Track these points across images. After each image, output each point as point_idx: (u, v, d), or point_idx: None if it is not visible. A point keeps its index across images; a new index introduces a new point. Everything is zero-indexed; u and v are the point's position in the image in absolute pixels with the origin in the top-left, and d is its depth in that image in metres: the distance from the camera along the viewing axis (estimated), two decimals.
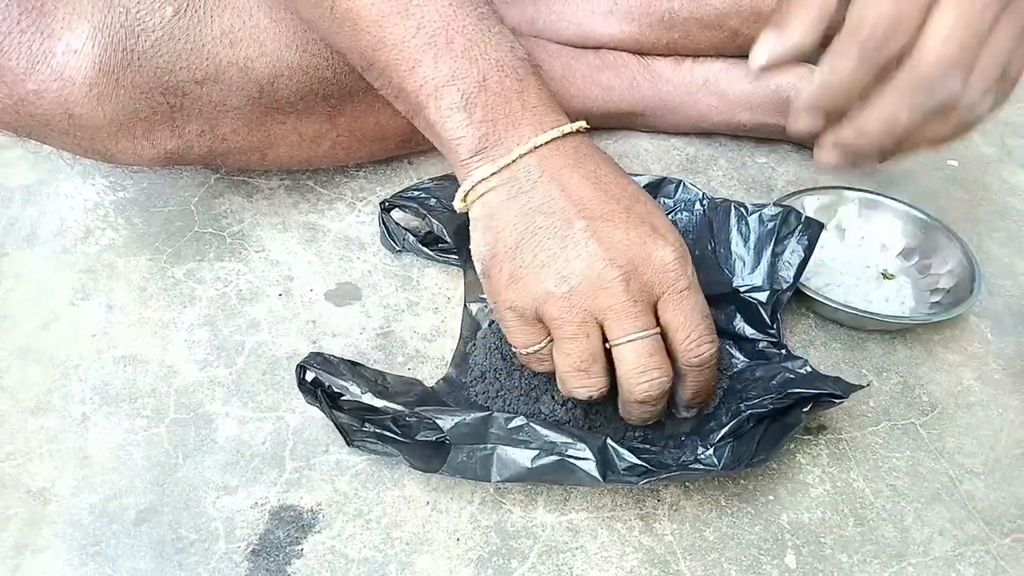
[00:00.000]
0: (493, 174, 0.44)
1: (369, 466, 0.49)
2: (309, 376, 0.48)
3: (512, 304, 0.44)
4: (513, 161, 0.43)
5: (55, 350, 0.54)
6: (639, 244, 0.43)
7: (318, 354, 0.48)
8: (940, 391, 0.55)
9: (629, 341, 0.43)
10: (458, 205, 0.46)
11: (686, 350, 0.44)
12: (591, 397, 0.45)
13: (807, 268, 0.56)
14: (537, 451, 0.45)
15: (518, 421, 0.45)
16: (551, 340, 0.45)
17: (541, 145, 0.44)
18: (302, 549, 0.45)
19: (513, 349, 0.47)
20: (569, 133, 0.45)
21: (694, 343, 0.44)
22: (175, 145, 0.54)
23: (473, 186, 0.44)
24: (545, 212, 0.43)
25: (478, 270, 0.46)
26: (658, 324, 0.44)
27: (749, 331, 0.55)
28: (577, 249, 0.42)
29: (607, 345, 0.44)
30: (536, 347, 0.45)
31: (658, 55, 0.72)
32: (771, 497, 0.49)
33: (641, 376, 0.43)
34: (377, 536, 0.46)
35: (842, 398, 0.47)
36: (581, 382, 0.44)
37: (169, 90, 0.51)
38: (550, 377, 0.50)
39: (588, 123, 0.73)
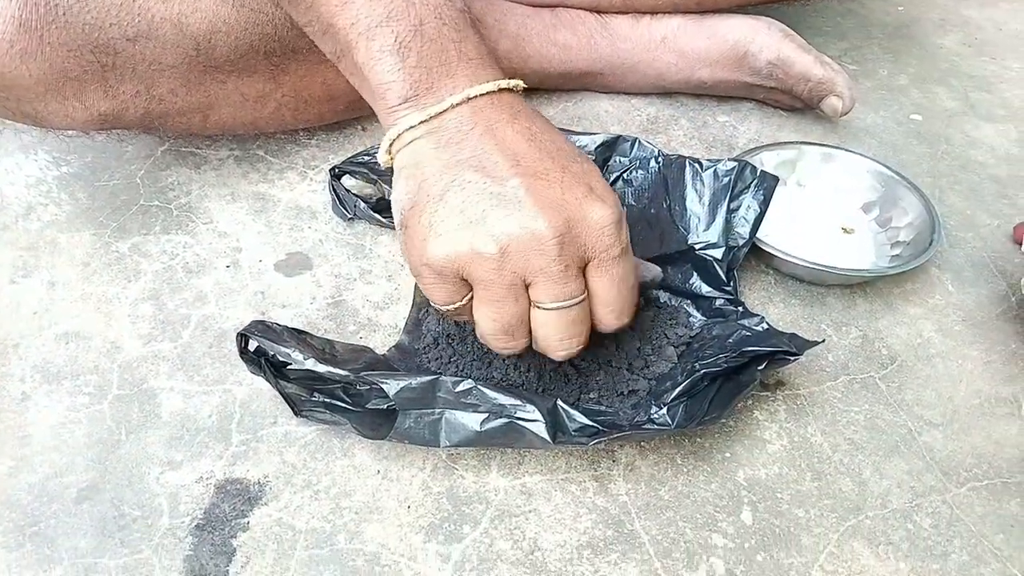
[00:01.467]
0: (422, 122, 0.41)
1: (318, 437, 0.48)
2: (252, 345, 0.47)
3: (430, 260, 0.41)
4: (444, 110, 0.41)
5: None
6: (575, 204, 0.40)
7: (260, 322, 0.47)
8: (900, 344, 0.55)
9: (555, 308, 0.41)
10: (382, 157, 0.43)
11: (603, 318, 0.43)
12: (512, 354, 0.44)
13: (765, 223, 0.55)
14: (486, 414, 0.44)
15: (466, 384, 0.44)
16: (471, 296, 0.42)
17: (475, 97, 0.41)
18: (248, 522, 0.44)
19: (432, 305, 0.44)
20: (505, 89, 0.42)
21: (614, 314, 0.43)
22: (109, 107, 0.52)
23: (400, 134, 0.42)
24: (475, 165, 0.40)
25: (396, 221, 0.43)
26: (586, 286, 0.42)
27: (706, 289, 0.54)
28: (509, 207, 0.39)
29: (531, 305, 0.42)
30: (456, 304, 0.43)
31: (616, 13, 0.70)
32: (728, 454, 0.48)
33: (560, 342, 0.42)
34: (326, 506, 0.45)
35: (797, 355, 0.47)
36: (506, 344, 0.43)
37: (99, 48, 0.49)
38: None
39: (546, 84, 0.72)
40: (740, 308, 0.52)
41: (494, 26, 0.66)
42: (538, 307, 0.41)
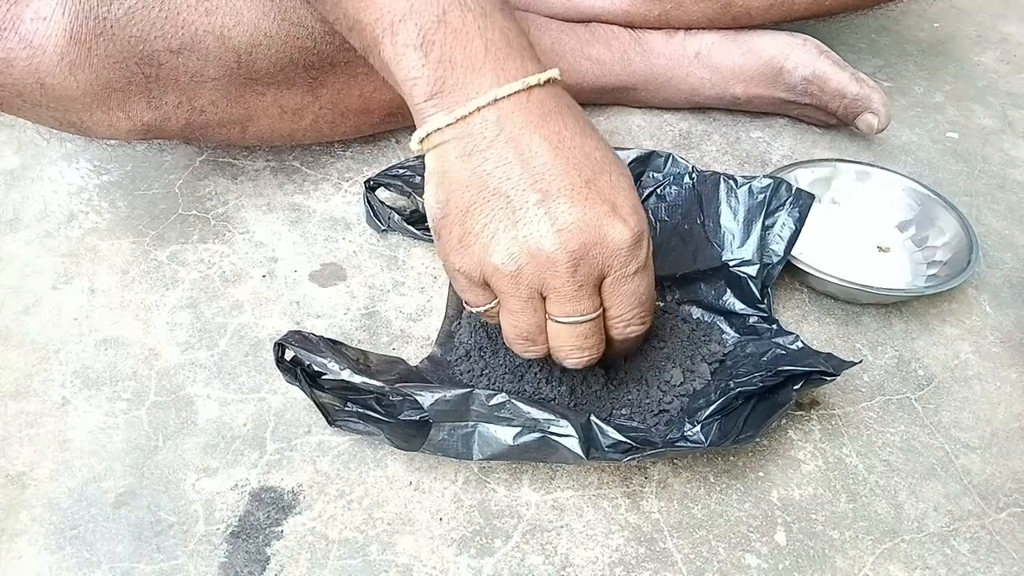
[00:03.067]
0: (448, 125, 0.40)
1: (351, 447, 0.48)
2: (288, 355, 0.47)
3: (460, 267, 0.43)
4: (469, 113, 0.40)
5: (36, 334, 0.53)
6: (594, 226, 0.40)
7: (297, 332, 0.47)
8: (936, 365, 0.54)
9: (566, 323, 0.43)
10: (414, 146, 0.43)
11: (612, 328, 0.44)
12: (536, 358, 0.45)
13: (800, 241, 0.55)
14: (519, 428, 0.44)
15: (499, 398, 0.44)
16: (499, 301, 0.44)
17: (502, 98, 0.40)
18: (282, 531, 0.44)
19: (464, 304, 0.46)
20: (535, 86, 0.41)
21: (622, 324, 0.44)
22: (152, 117, 0.53)
23: (428, 134, 0.41)
24: (498, 178, 0.40)
25: (430, 225, 0.44)
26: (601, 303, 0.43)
27: (739, 306, 0.54)
28: (528, 227, 0.40)
29: (547, 316, 0.43)
30: (486, 307, 0.45)
31: (650, 28, 0.70)
32: (761, 474, 0.48)
33: (571, 353, 0.44)
34: (359, 517, 0.45)
35: (834, 375, 0.46)
36: (526, 348, 0.45)
37: (144, 60, 0.50)
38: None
39: (579, 98, 0.71)
40: (774, 326, 0.52)
41: None
42: (552, 320, 0.43)
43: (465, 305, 0.46)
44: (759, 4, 0.67)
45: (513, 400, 0.44)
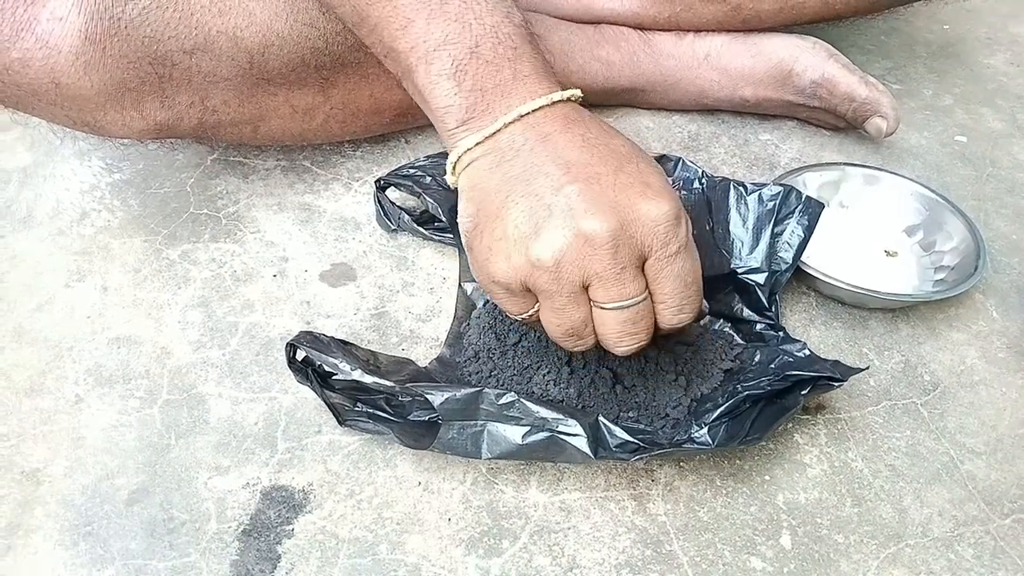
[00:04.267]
0: (478, 144, 0.42)
1: (361, 446, 0.49)
2: (300, 355, 0.48)
3: (495, 277, 0.42)
4: (498, 130, 0.42)
5: (49, 332, 0.54)
6: (628, 205, 0.40)
7: (308, 333, 0.48)
8: (943, 370, 0.54)
9: (613, 308, 0.42)
10: (449, 179, 0.45)
11: (663, 315, 0.43)
12: (586, 350, 0.45)
13: (807, 246, 0.55)
14: (528, 427, 0.44)
15: (508, 397, 0.44)
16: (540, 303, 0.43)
17: (527, 113, 0.42)
18: (293, 529, 0.45)
19: (507, 314, 0.46)
20: (559, 101, 0.43)
21: (673, 310, 0.43)
22: (165, 117, 0.53)
23: (460, 156, 0.43)
24: (527, 179, 0.41)
25: (463, 243, 0.45)
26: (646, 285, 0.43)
27: (747, 313, 0.54)
28: (563, 217, 0.40)
29: (592, 305, 0.43)
30: (530, 311, 0.44)
31: (659, 30, 0.70)
32: (767, 477, 0.48)
33: (620, 339, 0.43)
34: (368, 516, 0.45)
35: (841, 381, 0.47)
36: (574, 344, 0.44)
37: (158, 60, 0.51)
38: (542, 357, 0.50)
39: (588, 100, 0.72)
40: (781, 333, 0.52)
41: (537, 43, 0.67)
42: (598, 307, 0.42)
43: (508, 315, 0.45)
44: (769, 7, 0.67)
45: (522, 399, 0.44)
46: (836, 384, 0.47)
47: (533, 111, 0.42)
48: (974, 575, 0.44)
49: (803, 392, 0.46)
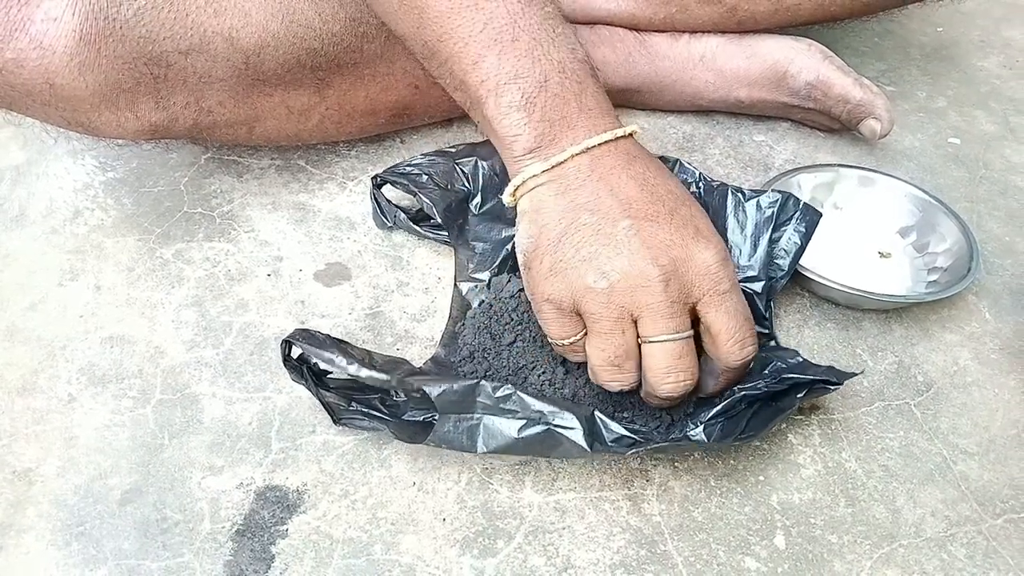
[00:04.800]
0: (544, 171, 0.44)
1: (356, 446, 0.48)
2: (295, 353, 0.48)
3: (550, 296, 0.44)
4: (565, 160, 0.44)
5: (42, 331, 0.54)
6: (681, 245, 0.43)
7: (304, 330, 0.48)
8: (936, 371, 0.55)
9: (661, 341, 0.43)
10: (506, 199, 0.46)
11: (729, 352, 0.44)
12: (622, 390, 0.45)
13: (804, 254, 0.55)
14: (524, 421, 0.44)
15: (505, 390, 0.44)
16: (586, 332, 0.45)
17: (593, 147, 0.44)
18: (287, 529, 0.45)
19: (549, 340, 0.47)
20: (621, 137, 0.45)
21: (738, 345, 0.44)
22: (160, 117, 0.53)
23: (524, 181, 0.45)
24: (591, 209, 0.43)
25: (520, 261, 0.46)
26: (695, 326, 0.44)
27: None
28: (620, 247, 0.43)
29: (639, 341, 0.44)
30: (572, 339, 0.46)
31: (655, 31, 0.71)
32: (761, 477, 0.48)
33: (667, 376, 0.44)
34: (363, 516, 0.45)
35: (838, 384, 0.47)
36: (613, 376, 0.45)
37: (153, 60, 0.51)
38: (537, 357, 0.50)
39: None
40: (772, 343, 0.53)
41: None
42: (645, 341, 0.44)
43: (551, 341, 0.47)
44: (764, 9, 0.67)
45: (519, 392, 0.44)
46: (833, 387, 0.47)
47: (599, 144, 0.44)
48: (967, 575, 0.44)
49: (800, 395, 0.46)
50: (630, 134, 0.46)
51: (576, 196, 0.44)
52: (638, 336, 0.44)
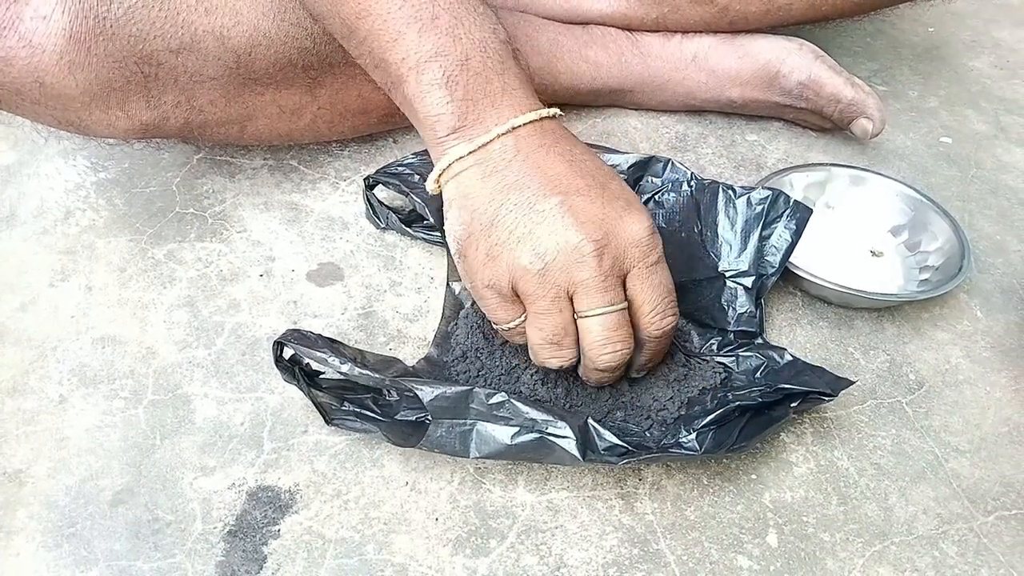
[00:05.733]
0: (470, 152, 0.43)
1: (348, 447, 0.48)
2: (287, 353, 0.48)
3: (489, 282, 0.44)
4: (490, 140, 0.43)
5: (33, 331, 0.54)
6: (614, 218, 0.43)
7: (296, 330, 0.48)
8: (927, 369, 0.55)
9: (597, 315, 0.43)
10: (430, 186, 0.46)
11: (649, 323, 0.45)
12: (561, 367, 0.46)
13: (794, 250, 0.55)
14: (517, 428, 0.44)
15: (499, 397, 0.44)
16: (527, 314, 0.45)
17: (519, 126, 0.44)
18: (279, 530, 0.44)
19: (493, 325, 0.47)
20: (546, 117, 0.45)
21: (658, 316, 0.45)
22: (150, 117, 0.53)
23: (449, 164, 0.44)
24: (520, 188, 0.43)
25: (452, 250, 0.46)
26: (625, 296, 0.44)
27: (731, 317, 0.54)
28: (552, 224, 0.42)
29: (575, 317, 0.44)
30: (516, 322, 0.45)
31: (647, 31, 0.71)
32: (754, 476, 0.48)
33: (604, 347, 0.44)
34: (355, 516, 0.45)
35: (832, 395, 0.47)
36: (552, 353, 0.45)
37: (143, 59, 0.50)
38: (530, 357, 0.50)
39: (576, 100, 0.72)
40: (758, 340, 0.53)
41: (526, 42, 0.67)
42: (581, 316, 0.44)
43: (495, 326, 0.47)
44: (756, 8, 0.67)
45: (512, 400, 0.44)
46: (828, 398, 0.47)
47: (524, 124, 0.44)
48: (958, 572, 0.45)
49: (793, 404, 0.47)
50: (554, 116, 0.46)
51: (504, 177, 0.43)
52: (574, 312, 0.44)
